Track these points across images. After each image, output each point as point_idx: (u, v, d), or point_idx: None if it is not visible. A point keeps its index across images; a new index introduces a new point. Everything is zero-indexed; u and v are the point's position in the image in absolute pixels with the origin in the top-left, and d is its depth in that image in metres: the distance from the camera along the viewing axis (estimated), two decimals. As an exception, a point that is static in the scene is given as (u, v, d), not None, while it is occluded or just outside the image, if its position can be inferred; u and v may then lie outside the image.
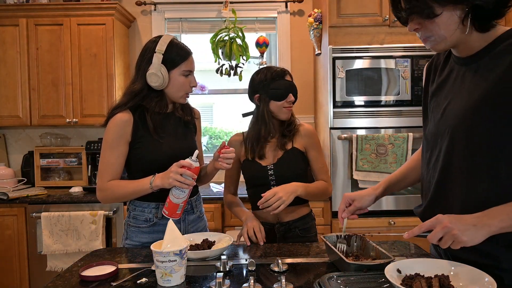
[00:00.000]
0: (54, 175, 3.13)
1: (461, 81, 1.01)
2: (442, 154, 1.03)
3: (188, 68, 1.51)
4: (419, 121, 2.54)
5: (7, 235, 2.67)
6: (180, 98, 1.55)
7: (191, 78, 1.54)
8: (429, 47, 1.00)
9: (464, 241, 0.87)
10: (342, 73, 2.51)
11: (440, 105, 1.07)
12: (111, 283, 1.10)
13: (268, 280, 1.10)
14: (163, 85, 1.49)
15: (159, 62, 1.46)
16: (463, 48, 0.99)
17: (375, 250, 1.18)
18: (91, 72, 2.93)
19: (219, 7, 3.23)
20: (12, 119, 2.95)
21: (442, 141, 1.03)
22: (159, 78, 1.47)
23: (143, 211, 1.53)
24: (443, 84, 1.08)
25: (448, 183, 1.02)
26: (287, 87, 1.62)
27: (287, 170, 1.62)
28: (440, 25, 0.93)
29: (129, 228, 1.55)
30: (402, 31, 2.62)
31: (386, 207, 2.55)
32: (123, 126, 1.49)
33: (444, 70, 1.10)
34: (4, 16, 2.90)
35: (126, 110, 1.51)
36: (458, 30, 0.93)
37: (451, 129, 1.00)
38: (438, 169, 1.04)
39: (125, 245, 1.56)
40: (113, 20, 2.92)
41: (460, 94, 1.00)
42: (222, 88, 3.39)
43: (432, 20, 0.92)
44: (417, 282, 0.90)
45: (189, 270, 1.18)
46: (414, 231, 0.94)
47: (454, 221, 0.89)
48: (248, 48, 3.11)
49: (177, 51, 1.49)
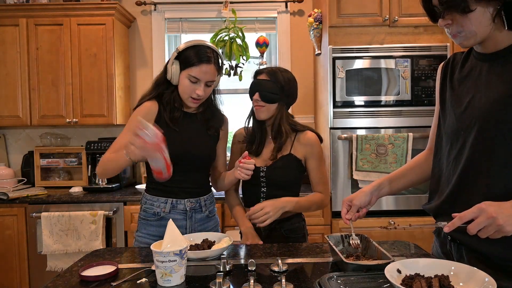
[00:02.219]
0: (54, 175, 3.14)
1: (487, 75, 1.03)
2: (468, 146, 1.03)
3: (195, 75, 1.51)
4: (419, 121, 2.56)
5: (7, 235, 2.67)
6: (185, 100, 1.56)
7: (197, 86, 1.52)
8: (458, 43, 1.02)
9: (508, 231, 0.86)
10: (342, 73, 2.51)
11: (463, 99, 1.07)
12: (111, 283, 1.10)
13: (268, 280, 1.10)
14: (173, 80, 1.55)
15: (173, 58, 1.53)
16: (490, 44, 1.01)
17: (377, 250, 1.19)
18: (91, 72, 2.93)
19: (219, 7, 3.24)
20: (12, 119, 2.95)
21: (466, 134, 1.04)
22: (168, 73, 1.55)
23: (153, 205, 1.60)
24: (465, 80, 1.10)
25: (472, 176, 1.03)
26: (253, 85, 1.63)
27: (278, 176, 1.62)
28: (472, 21, 0.95)
29: (140, 221, 1.63)
30: (402, 31, 2.62)
31: (386, 207, 2.55)
32: (146, 112, 1.55)
33: (464, 67, 1.12)
34: (4, 16, 2.90)
35: (153, 100, 1.58)
36: (489, 26, 0.96)
37: (478, 121, 1.01)
38: (462, 162, 1.04)
39: (136, 237, 1.63)
40: (113, 20, 2.92)
41: (486, 88, 1.01)
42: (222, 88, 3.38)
43: (466, 15, 0.94)
44: (417, 282, 0.90)
45: (189, 270, 1.18)
46: (454, 222, 0.92)
47: (497, 209, 0.87)
48: (248, 48, 3.12)
49: (192, 55, 1.51)
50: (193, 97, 1.54)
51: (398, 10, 2.58)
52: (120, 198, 2.66)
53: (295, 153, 1.65)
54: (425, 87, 2.52)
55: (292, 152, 1.64)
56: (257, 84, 1.62)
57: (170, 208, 1.59)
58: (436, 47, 2.51)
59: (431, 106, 2.53)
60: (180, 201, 1.60)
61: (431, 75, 2.51)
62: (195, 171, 1.62)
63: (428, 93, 2.52)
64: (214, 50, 1.56)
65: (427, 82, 2.52)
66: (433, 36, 2.61)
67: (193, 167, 1.61)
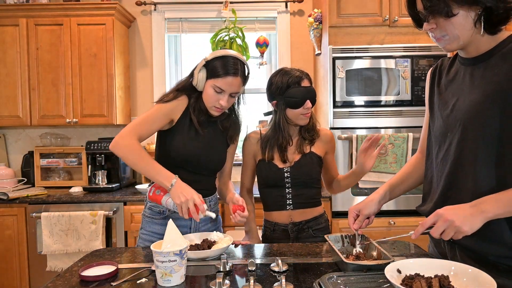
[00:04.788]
0: (54, 175, 3.13)
1: (470, 79, 1.07)
2: (454, 146, 1.07)
3: (220, 86, 1.50)
4: (419, 121, 2.56)
5: (7, 235, 2.67)
6: (209, 108, 1.56)
7: (221, 96, 1.52)
8: (442, 46, 1.08)
9: (465, 231, 0.93)
10: (342, 73, 2.51)
11: (449, 103, 1.12)
12: (111, 283, 1.10)
13: (268, 280, 1.10)
14: (198, 87, 1.55)
15: (201, 65, 1.53)
16: (472, 49, 1.06)
17: (377, 250, 1.19)
18: (91, 72, 2.93)
19: (219, 7, 3.23)
20: (12, 119, 2.95)
21: (452, 135, 1.08)
22: (194, 79, 1.54)
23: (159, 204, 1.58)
24: (450, 84, 1.14)
25: (459, 175, 1.06)
26: (303, 94, 1.58)
27: (303, 174, 1.64)
28: (455, 25, 1.00)
29: (144, 219, 1.63)
30: (402, 31, 2.62)
31: (386, 207, 2.55)
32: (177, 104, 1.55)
33: (450, 71, 1.17)
34: (4, 16, 2.90)
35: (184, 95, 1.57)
36: (471, 30, 1.01)
37: (462, 122, 1.05)
38: (449, 162, 1.08)
39: (140, 234, 1.63)
40: (113, 20, 2.92)
41: (469, 90, 1.06)
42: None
43: (449, 19, 0.99)
44: (417, 282, 0.90)
45: (189, 270, 1.18)
46: (418, 230, 0.99)
47: (453, 212, 0.94)
48: (248, 48, 3.12)
49: (219, 66, 1.50)
50: (216, 106, 1.54)
51: (398, 10, 2.58)
52: (120, 198, 2.66)
53: (315, 150, 1.68)
54: (425, 87, 2.52)
55: (312, 149, 1.67)
56: (307, 92, 1.59)
57: None
58: (436, 47, 2.51)
59: (431, 106, 2.53)
60: None
61: (431, 75, 2.51)
62: (206, 174, 1.64)
63: (428, 93, 2.52)
64: (241, 61, 1.54)
65: (427, 82, 2.52)
66: (433, 36, 2.61)
67: (206, 170, 1.63)
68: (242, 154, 1.76)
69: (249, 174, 1.76)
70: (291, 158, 1.65)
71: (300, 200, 1.65)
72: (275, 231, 1.67)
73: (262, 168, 1.67)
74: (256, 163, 1.71)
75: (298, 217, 1.65)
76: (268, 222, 1.71)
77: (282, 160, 1.65)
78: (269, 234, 1.69)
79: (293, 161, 1.64)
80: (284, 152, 1.65)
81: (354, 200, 2.55)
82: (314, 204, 1.68)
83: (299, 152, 1.66)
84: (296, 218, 1.65)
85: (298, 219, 1.65)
